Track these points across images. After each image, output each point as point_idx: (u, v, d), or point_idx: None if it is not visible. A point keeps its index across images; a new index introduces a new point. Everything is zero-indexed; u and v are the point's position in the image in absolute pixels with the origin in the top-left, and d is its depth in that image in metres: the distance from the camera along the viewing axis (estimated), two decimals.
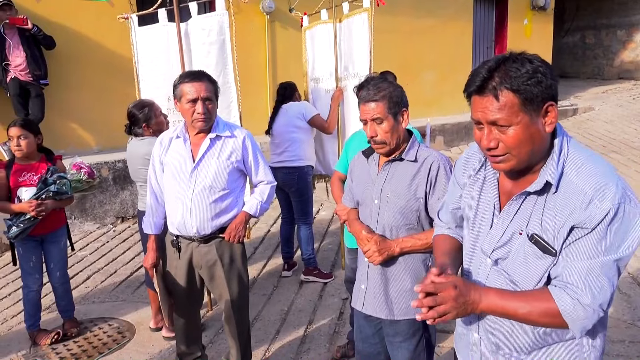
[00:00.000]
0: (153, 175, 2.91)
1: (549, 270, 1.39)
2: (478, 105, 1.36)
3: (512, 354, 1.51)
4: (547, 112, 1.34)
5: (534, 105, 1.31)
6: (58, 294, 3.78)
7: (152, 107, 3.50)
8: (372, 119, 2.13)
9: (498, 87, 1.31)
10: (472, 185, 1.62)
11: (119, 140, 5.57)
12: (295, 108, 4.51)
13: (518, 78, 1.30)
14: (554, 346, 1.46)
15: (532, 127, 1.33)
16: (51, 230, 3.61)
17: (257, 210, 2.91)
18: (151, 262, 2.94)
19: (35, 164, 3.52)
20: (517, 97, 1.30)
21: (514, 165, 1.38)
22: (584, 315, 1.32)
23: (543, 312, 1.35)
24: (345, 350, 3.37)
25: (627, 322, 3.67)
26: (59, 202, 3.45)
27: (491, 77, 1.32)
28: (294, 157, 4.49)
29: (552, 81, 1.33)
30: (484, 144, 1.38)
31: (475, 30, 10.39)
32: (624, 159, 7.63)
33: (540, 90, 1.31)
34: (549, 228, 1.37)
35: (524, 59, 1.33)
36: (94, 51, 6.43)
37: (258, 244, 5.54)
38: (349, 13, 4.46)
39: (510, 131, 1.33)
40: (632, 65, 13.59)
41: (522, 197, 1.43)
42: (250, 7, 7.26)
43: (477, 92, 1.35)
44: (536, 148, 1.36)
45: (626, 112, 10.46)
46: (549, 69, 1.33)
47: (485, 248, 1.52)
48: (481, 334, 1.58)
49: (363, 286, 2.27)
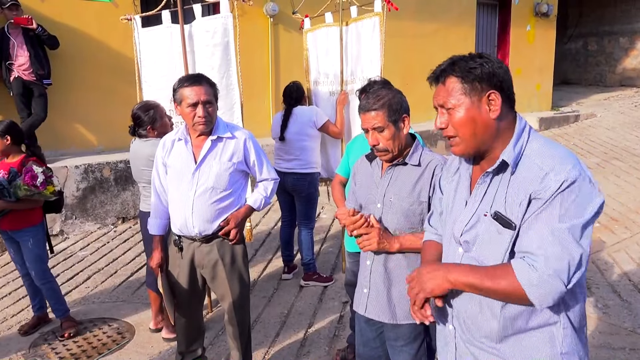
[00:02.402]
0: (157, 177, 2.93)
1: (509, 246, 1.45)
2: (435, 92, 1.58)
3: (485, 342, 1.55)
4: (490, 100, 1.49)
5: (475, 90, 1.49)
6: (43, 293, 3.82)
7: (157, 109, 3.50)
8: (372, 128, 2.14)
9: (446, 75, 1.54)
10: (450, 183, 1.75)
11: (121, 140, 5.59)
12: (306, 115, 4.44)
13: (463, 67, 1.51)
14: (525, 334, 1.49)
15: (473, 110, 1.50)
16: (13, 229, 3.63)
17: (260, 204, 2.96)
18: (157, 262, 2.96)
19: (3, 162, 3.60)
20: (459, 82, 1.50)
21: (464, 148, 1.55)
22: (537, 281, 1.36)
23: (506, 284, 1.40)
24: (345, 353, 3.36)
25: (628, 329, 3.66)
26: (9, 204, 3.46)
27: (445, 69, 1.55)
28: (305, 164, 4.47)
29: (497, 72, 1.49)
30: (437, 125, 1.59)
31: (478, 36, 10.40)
32: (625, 165, 7.62)
33: (480, 77, 1.48)
34: (510, 205, 1.46)
35: (475, 56, 1.53)
36: (97, 52, 6.44)
37: (259, 246, 5.53)
38: (357, 17, 4.46)
39: (454, 113, 1.52)
40: (634, 72, 13.60)
41: (486, 179, 1.54)
42: (254, 10, 7.27)
43: (434, 81, 1.59)
44: (479, 131, 1.51)
45: (628, 119, 10.46)
46: (498, 65, 1.51)
47: (456, 232, 1.61)
48: (455, 324, 1.65)
49: (365, 290, 2.27)
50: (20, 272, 3.91)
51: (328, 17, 4.79)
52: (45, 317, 3.99)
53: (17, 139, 3.64)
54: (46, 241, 3.82)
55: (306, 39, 4.98)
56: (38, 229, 3.71)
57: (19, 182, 3.36)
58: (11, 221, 3.58)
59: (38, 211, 3.70)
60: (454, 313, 1.64)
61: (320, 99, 4.89)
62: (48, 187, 3.43)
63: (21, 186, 3.35)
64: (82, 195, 5.98)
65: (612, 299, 4.09)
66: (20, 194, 3.38)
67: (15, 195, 3.40)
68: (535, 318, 1.47)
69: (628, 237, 5.33)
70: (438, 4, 9.33)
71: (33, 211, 3.66)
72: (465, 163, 1.68)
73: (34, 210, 3.66)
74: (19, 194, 3.39)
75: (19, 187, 3.36)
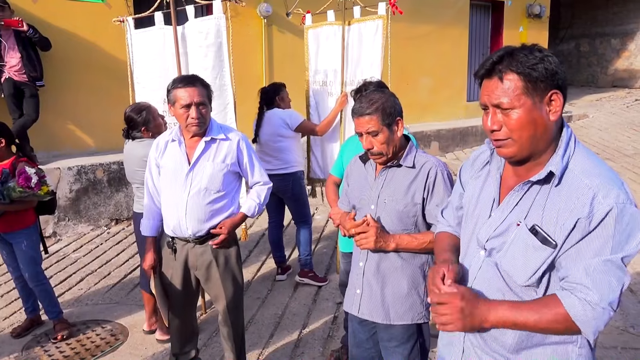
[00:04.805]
0: (150, 179, 2.92)
1: (545, 265, 1.37)
2: (485, 88, 1.41)
3: (498, 351, 1.50)
4: (552, 100, 1.36)
5: (537, 90, 1.35)
6: (36, 295, 3.80)
7: (149, 110, 3.50)
8: (366, 132, 2.14)
9: (504, 70, 1.36)
10: (475, 179, 1.64)
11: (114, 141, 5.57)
12: (278, 117, 4.42)
13: (524, 62, 1.34)
14: (540, 348, 1.45)
15: (535, 112, 1.36)
16: (6, 231, 3.60)
17: (254, 211, 2.94)
18: (150, 264, 2.95)
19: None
20: (520, 80, 1.34)
21: (516, 151, 1.40)
22: (593, 315, 1.29)
23: (552, 318, 1.34)
24: (339, 354, 3.36)
25: (620, 328, 3.68)
26: (3, 206, 3.44)
27: (500, 62, 1.37)
28: (284, 164, 4.48)
29: (559, 71, 1.36)
30: (488, 126, 1.42)
31: (471, 37, 10.45)
32: (617, 166, 7.67)
33: (544, 76, 1.34)
34: (550, 220, 1.36)
35: (534, 48, 1.37)
36: (90, 53, 6.41)
37: (252, 247, 5.53)
38: (360, 18, 4.44)
39: (512, 114, 1.36)
40: (625, 73, 13.69)
41: (525, 187, 1.44)
42: (247, 11, 7.28)
43: (486, 75, 1.40)
44: (538, 135, 1.38)
45: (620, 120, 10.53)
46: (558, 60, 1.37)
47: (481, 237, 1.52)
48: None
49: (358, 291, 2.27)
50: (12, 275, 3.88)
51: (330, 15, 4.73)
52: (38, 319, 3.97)
53: (10, 141, 3.63)
54: (40, 242, 3.81)
55: (307, 35, 4.92)
56: (31, 231, 3.69)
57: (12, 184, 3.34)
58: (4, 223, 3.56)
59: (31, 212, 3.68)
60: None
61: (318, 98, 4.87)
62: (42, 188, 3.42)
63: (15, 188, 3.33)
64: (75, 196, 5.95)
65: None
66: (14, 195, 3.37)
67: (9, 196, 3.38)
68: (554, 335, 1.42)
69: None
70: (431, 6, 9.36)
71: (26, 212, 3.64)
72: (497, 161, 1.56)
73: (27, 211, 3.64)
74: (13, 195, 3.37)
75: (13, 189, 3.34)
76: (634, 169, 7.52)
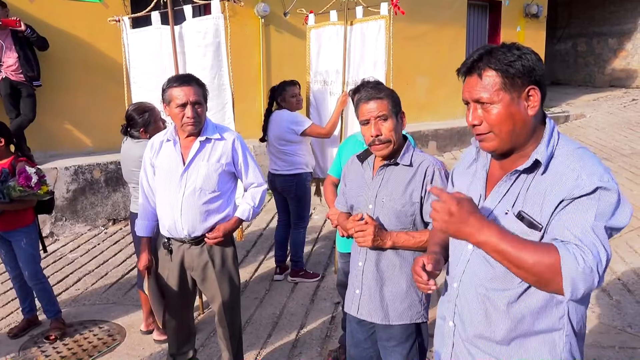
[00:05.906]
0: (145, 179, 2.91)
1: None
2: (466, 85, 1.48)
3: (485, 343, 1.52)
4: (529, 96, 1.43)
5: (515, 86, 1.41)
6: (35, 293, 3.80)
7: (152, 112, 3.47)
8: (376, 117, 2.12)
9: (483, 67, 1.43)
10: (464, 176, 1.69)
11: (112, 141, 5.56)
12: (285, 121, 4.40)
13: (502, 60, 1.41)
14: (527, 338, 1.47)
15: (513, 107, 1.42)
16: (6, 229, 3.60)
17: (249, 215, 2.90)
18: (144, 265, 2.94)
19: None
20: (499, 76, 1.41)
21: (497, 145, 1.47)
22: (580, 270, 1.26)
23: (539, 258, 1.29)
24: (336, 354, 3.36)
25: (617, 328, 3.69)
26: (3, 205, 3.43)
27: (480, 60, 1.45)
28: (289, 166, 4.49)
29: (537, 67, 1.42)
30: (469, 121, 1.49)
31: (469, 37, 10.45)
32: (614, 166, 7.68)
33: (521, 73, 1.40)
34: (535, 204, 1.41)
35: (513, 47, 1.44)
36: (87, 53, 6.40)
37: (250, 247, 5.52)
38: (362, 18, 4.44)
39: (492, 109, 1.43)
40: (623, 73, 13.72)
41: (512, 177, 1.48)
42: (245, 11, 7.26)
43: (466, 72, 1.48)
44: (517, 129, 1.44)
45: (617, 120, 10.55)
46: (535, 57, 1.43)
47: None
48: (456, 320, 1.62)
49: (357, 291, 2.27)
50: (10, 274, 3.88)
51: (333, 15, 4.73)
52: (35, 319, 3.96)
53: (9, 141, 3.63)
54: (39, 241, 3.80)
55: (309, 35, 4.93)
56: (31, 229, 3.69)
57: (13, 184, 3.34)
58: (3, 222, 3.55)
59: (30, 211, 3.68)
60: (456, 310, 1.61)
61: (319, 98, 4.87)
62: (42, 188, 3.44)
63: (16, 187, 3.33)
64: (72, 196, 5.94)
65: (601, 297, 4.12)
66: (14, 194, 3.36)
67: (8, 196, 3.38)
68: (540, 322, 1.45)
69: (618, 237, 5.37)
70: (429, 6, 9.36)
71: (25, 212, 3.64)
72: (483, 158, 1.61)
73: (26, 210, 3.64)
74: (13, 195, 3.37)
75: (13, 189, 3.35)
76: (631, 169, 7.52)
